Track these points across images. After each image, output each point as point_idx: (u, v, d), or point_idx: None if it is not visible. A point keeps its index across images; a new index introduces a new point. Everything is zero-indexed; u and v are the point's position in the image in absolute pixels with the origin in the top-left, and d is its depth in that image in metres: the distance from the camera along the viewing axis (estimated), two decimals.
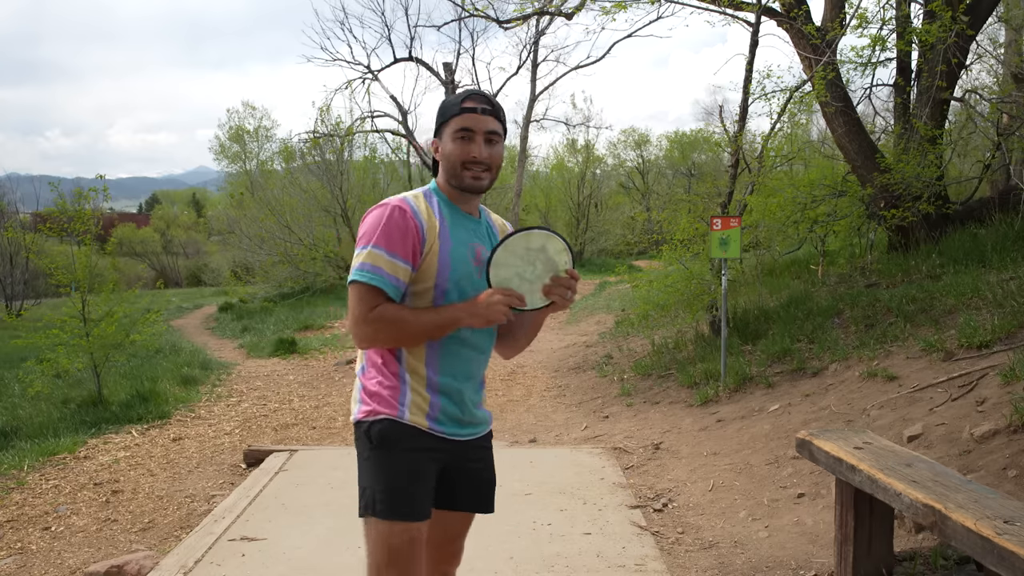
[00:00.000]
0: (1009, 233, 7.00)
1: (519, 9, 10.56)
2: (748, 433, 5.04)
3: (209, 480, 5.06)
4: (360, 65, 22.72)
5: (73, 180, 24.71)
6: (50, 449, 5.67)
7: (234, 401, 7.69)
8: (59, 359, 7.21)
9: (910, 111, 8.14)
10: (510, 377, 8.41)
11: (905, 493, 2.39)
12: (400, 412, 1.91)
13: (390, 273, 1.84)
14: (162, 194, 77.72)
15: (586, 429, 6.01)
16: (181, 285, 38.65)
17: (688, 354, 7.46)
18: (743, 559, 3.40)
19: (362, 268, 1.84)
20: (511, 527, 3.76)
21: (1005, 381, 4.15)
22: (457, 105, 1.92)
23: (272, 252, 19.17)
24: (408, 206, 1.88)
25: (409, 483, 1.90)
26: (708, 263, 7.51)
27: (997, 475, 3.37)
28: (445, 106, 1.95)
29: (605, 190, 35.93)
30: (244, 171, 40.02)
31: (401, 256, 1.84)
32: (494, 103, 1.95)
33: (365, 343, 1.89)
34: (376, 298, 1.84)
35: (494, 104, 1.95)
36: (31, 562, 3.82)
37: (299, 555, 3.43)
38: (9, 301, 18.37)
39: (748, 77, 7.52)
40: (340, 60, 22.72)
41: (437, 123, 1.98)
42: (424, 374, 1.93)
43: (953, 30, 6.58)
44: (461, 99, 1.92)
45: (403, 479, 1.90)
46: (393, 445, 1.90)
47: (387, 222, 1.85)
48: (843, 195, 8.02)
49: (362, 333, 1.86)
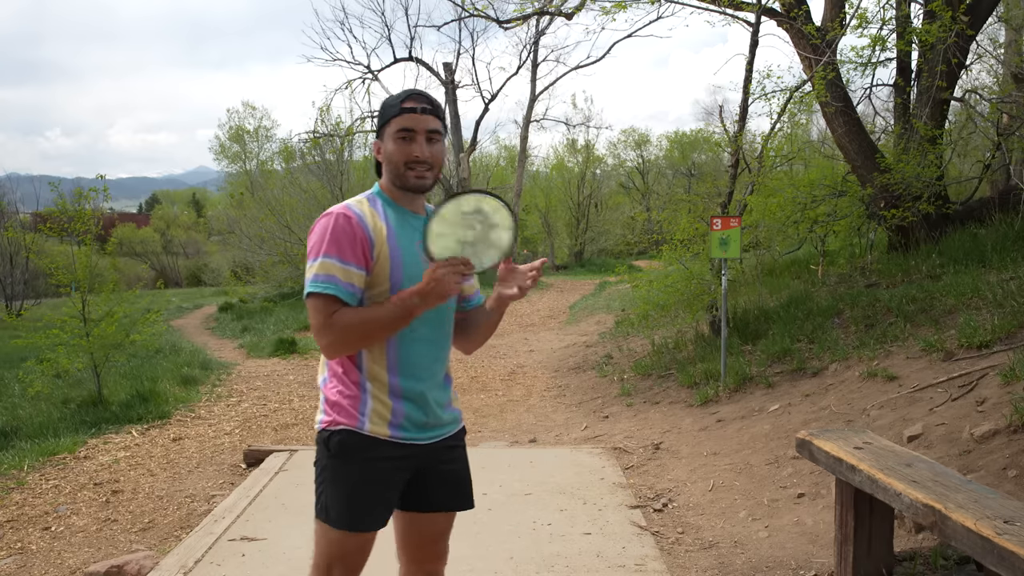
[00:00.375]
0: (1009, 233, 7.00)
1: (519, 9, 10.57)
2: (748, 433, 5.04)
3: (209, 480, 5.06)
4: (360, 65, 22.73)
5: (73, 180, 24.70)
6: (50, 449, 5.67)
7: (234, 401, 7.69)
8: (59, 359, 7.21)
9: (910, 111, 8.14)
10: (510, 377, 8.41)
11: (905, 493, 2.39)
12: (360, 423, 1.91)
13: (344, 280, 1.84)
14: (162, 194, 77.74)
15: (586, 429, 6.01)
16: (181, 285, 38.65)
17: (688, 354, 7.46)
18: (743, 559, 3.40)
19: (315, 279, 1.84)
20: (511, 527, 3.76)
21: (1005, 381, 4.15)
22: (397, 106, 1.91)
23: (272, 252, 19.17)
24: (352, 212, 1.89)
25: (364, 494, 1.92)
26: (708, 263, 7.51)
27: (997, 475, 3.37)
28: (385, 107, 1.95)
29: (605, 190, 35.95)
30: (244, 171, 40.05)
31: (353, 263, 1.85)
32: (433, 102, 1.95)
33: (331, 351, 1.88)
34: (333, 306, 1.84)
35: (433, 103, 1.95)
36: (31, 562, 3.82)
37: (299, 555, 3.43)
38: (9, 301, 18.36)
39: (748, 77, 7.52)
40: (340, 60, 22.75)
41: (378, 125, 1.98)
42: (385, 380, 1.93)
43: (953, 30, 6.58)
44: (400, 99, 1.92)
45: (358, 490, 1.91)
46: (350, 456, 1.91)
47: (334, 230, 1.85)
48: (843, 195, 8.02)
49: (326, 342, 1.85)
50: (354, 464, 1.92)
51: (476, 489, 2.20)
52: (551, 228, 32.92)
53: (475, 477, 2.20)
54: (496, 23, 11.46)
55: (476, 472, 2.24)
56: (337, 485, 1.92)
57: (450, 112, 24.10)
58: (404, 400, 1.95)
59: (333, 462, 1.93)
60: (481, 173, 31.75)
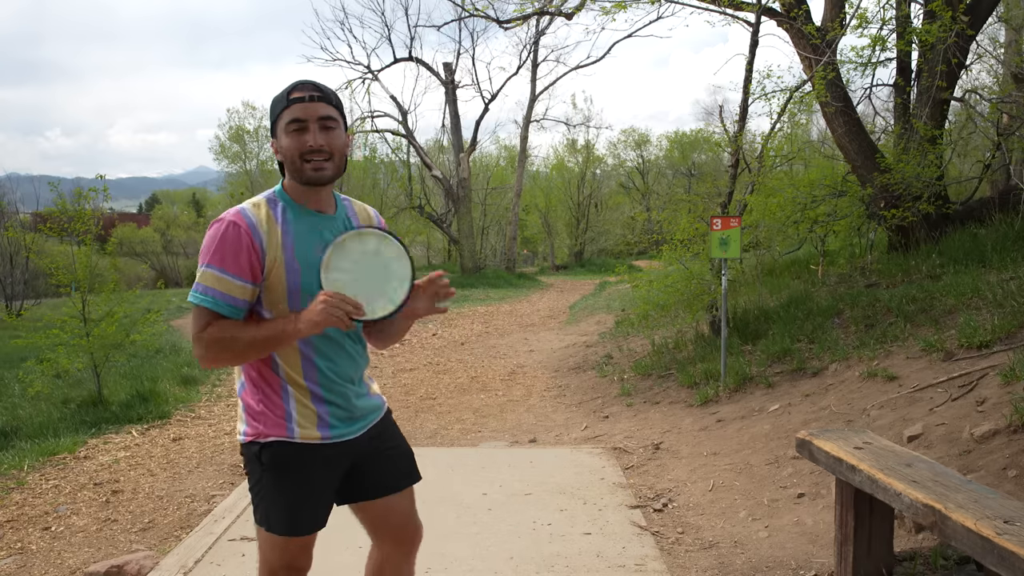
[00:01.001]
0: (1009, 233, 7.00)
1: (519, 9, 10.58)
2: (748, 433, 5.04)
3: (209, 480, 5.06)
4: (360, 65, 22.77)
5: (73, 180, 24.69)
6: (50, 449, 5.67)
7: (234, 401, 7.69)
8: (59, 359, 7.20)
9: (910, 111, 8.14)
10: (510, 377, 8.42)
11: (905, 493, 2.39)
12: (289, 430, 1.88)
13: (223, 292, 1.79)
14: (162, 194, 77.71)
15: (586, 429, 6.01)
16: (181, 285, 38.60)
17: (688, 354, 7.46)
18: (743, 559, 3.40)
19: (195, 289, 1.82)
20: (511, 527, 3.76)
21: (1005, 381, 4.15)
22: (284, 98, 1.85)
23: None
24: (244, 220, 1.82)
25: (303, 500, 1.92)
26: (708, 263, 7.51)
27: (997, 475, 3.37)
28: (274, 102, 1.89)
29: (605, 190, 35.98)
30: (244, 171, 40.04)
31: (235, 274, 1.79)
32: (323, 88, 1.88)
33: (204, 363, 1.84)
34: (208, 317, 1.80)
35: (323, 89, 1.88)
36: (31, 562, 3.82)
37: None
38: (9, 301, 18.36)
39: (748, 77, 7.52)
40: (340, 60, 22.79)
41: (271, 122, 1.92)
42: (304, 386, 1.89)
43: (953, 30, 6.58)
44: (288, 91, 1.86)
45: (296, 497, 1.91)
46: (285, 468, 1.89)
47: (220, 240, 1.80)
48: (843, 195, 8.02)
49: (198, 352, 1.82)
50: (290, 473, 1.90)
51: (476, 489, 2.21)
52: (551, 228, 32.94)
53: (475, 477, 2.21)
54: (496, 23, 11.46)
55: (476, 472, 2.24)
56: (275, 494, 1.90)
57: (450, 112, 24.11)
58: (327, 404, 1.92)
59: (268, 475, 1.90)
60: (481, 173, 31.78)
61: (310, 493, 1.92)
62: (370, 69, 21.97)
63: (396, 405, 7.22)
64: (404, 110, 22.88)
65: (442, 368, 9.20)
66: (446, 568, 3.32)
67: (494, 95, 24.08)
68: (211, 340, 1.79)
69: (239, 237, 1.80)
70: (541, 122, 27.21)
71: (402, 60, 22.50)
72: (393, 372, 9.03)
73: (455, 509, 3.99)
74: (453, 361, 9.65)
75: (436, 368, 9.21)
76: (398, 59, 22.56)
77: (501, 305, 16.72)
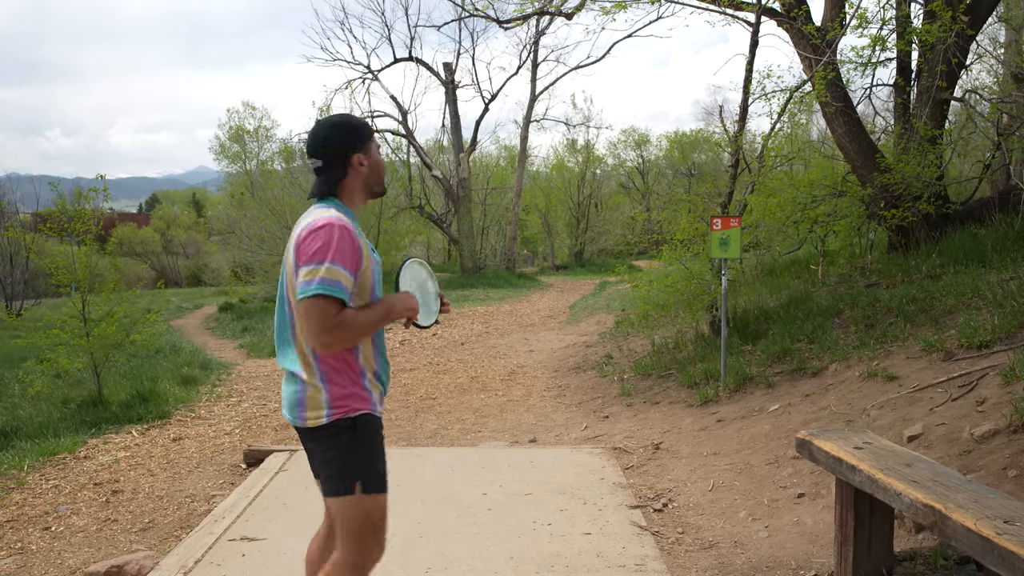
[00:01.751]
0: (1009, 233, 7.00)
1: (519, 9, 10.57)
2: (748, 433, 5.04)
3: (209, 480, 5.06)
4: (360, 65, 22.77)
5: (73, 180, 24.70)
6: (50, 449, 5.67)
7: (234, 401, 7.69)
8: (59, 359, 7.20)
9: (910, 111, 8.13)
10: (510, 377, 8.42)
11: (905, 493, 2.39)
12: (372, 405, 2.22)
13: (347, 286, 2.08)
14: (162, 194, 77.75)
15: (586, 429, 6.01)
16: (181, 285, 38.64)
17: (688, 354, 7.46)
18: (743, 559, 3.40)
19: (323, 282, 2.03)
20: (511, 527, 3.76)
21: (1005, 381, 4.15)
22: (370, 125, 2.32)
23: (272, 252, 19.15)
24: (350, 227, 2.13)
25: (384, 464, 2.26)
26: (708, 263, 7.51)
27: (997, 475, 3.37)
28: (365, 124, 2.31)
29: (605, 190, 35.97)
30: (244, 171, 40.06)
31: (350, 269, 2.09)
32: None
33: (332, 347, 2.10)
34: (337, 307, 2.06)
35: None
36: (31, 562, 3.82)
37: (299, 555, 3.42)
38: (9, 301, 18.36)
39: (748, 77, 7.51)
40: (340, 60, 22.78)
41: (362, 137, 2.26)
42: (374, 368, 2.25)
43: (953, 30, 6.58)
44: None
45: (380, 459, 2.23)
46: (375, 435, 2.22)
47: (339, 240, 2.08)
48: (843, 195, 8.02)
49: (328, 340, 2.06)
50: (377, 440, 2.23)
51: (476, 489, 2.28)
52: (551, 228, 32.93)
53: (475, 477, 2.26)
54: (496, 23, 11.45)
55: (476, 472, 2.27)
56: (370, 459, 2.19)
57: (450, 112, 24.11)
58: (383, 384, 2.29)
59: (362, 442, 2.17)
60: (481, 173, 31.77)
61: (385, 457, 2.26)
62: (370, 69, 21.98)
63: (396, 405, 7.22)
64: (404, 110, 22.89)
65: (442, 368, 9.20)
66: (446, 568, 3.32)
67: (494, 95, 24.09)
68: (346, 325, 2.07)
69: (353, 239, 2.10)
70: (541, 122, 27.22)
71: (402, 60, 22.51)
72: (393, 372, 9.03)
73: (455, 509, 4.00)
74: (453, 361, 9.65)
75: (436, 368, 9.21)
76: (398, 59, 22.57)
77: (501, 305, 16.72)
